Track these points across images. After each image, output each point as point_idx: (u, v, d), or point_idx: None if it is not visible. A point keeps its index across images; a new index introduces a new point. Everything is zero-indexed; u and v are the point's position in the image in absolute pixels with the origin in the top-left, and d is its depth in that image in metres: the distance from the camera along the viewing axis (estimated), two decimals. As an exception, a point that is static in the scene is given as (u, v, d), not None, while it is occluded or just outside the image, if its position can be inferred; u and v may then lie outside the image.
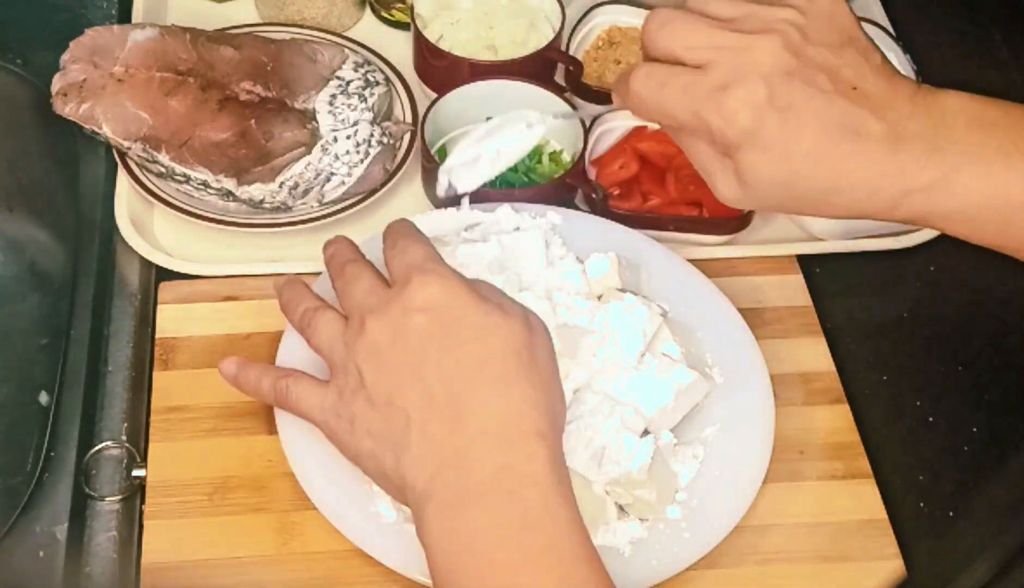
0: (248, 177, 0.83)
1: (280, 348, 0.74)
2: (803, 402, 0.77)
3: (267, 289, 0.81)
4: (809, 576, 0.70)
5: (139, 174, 0.85)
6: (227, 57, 0.87)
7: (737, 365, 0.75)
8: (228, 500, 0.71)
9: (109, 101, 0.84)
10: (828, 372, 0.78)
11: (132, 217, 0.84)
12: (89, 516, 0.70)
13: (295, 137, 0.83)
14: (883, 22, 1.01)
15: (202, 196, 0.84)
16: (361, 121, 0.85)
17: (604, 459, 0.67)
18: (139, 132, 0.83)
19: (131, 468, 0.72)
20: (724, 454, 0.71)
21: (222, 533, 0.69)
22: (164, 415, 0.74)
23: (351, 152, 0.84)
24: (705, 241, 0.85)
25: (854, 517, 0.72)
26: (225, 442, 0.73)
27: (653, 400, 0.70)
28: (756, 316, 0.79)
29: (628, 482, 0.67)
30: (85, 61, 0.86)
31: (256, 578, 0.67)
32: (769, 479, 0.70)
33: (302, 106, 0.86)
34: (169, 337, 0.78)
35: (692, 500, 0.69)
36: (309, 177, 0.83)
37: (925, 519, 0.73)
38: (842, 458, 0.74)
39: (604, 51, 0.98)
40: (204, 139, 0.83)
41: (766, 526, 0.71)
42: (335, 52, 0.89)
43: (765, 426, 0.72)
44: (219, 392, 0.75)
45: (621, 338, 0.71)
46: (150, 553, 0.69)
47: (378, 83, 0.88)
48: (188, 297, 0.80)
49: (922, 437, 0.77)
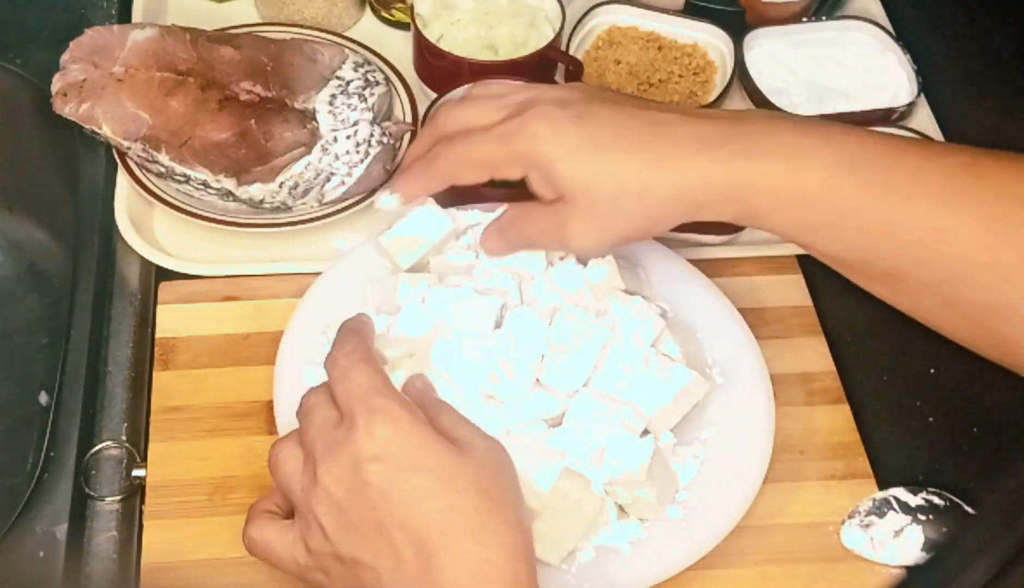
0: (248, 177, 0.83)
1: (280, 348, 0.74)
2: (803, 402, 0.77)
3: (267, 289, 0.81)
4: (809, 576, 0.70)
5: (139, 174, 0.85)
6: (227, 57, 0.87)
7: (737, 365, 0.75)
8: (228, 500, 0.71)
9: (109, 101, 0.84)
10: (828, 372, 0.78)
11: (132, 217, 0.84)
12: (89, 516, 0.70)
13: (295, 137, 0.83)
14: (883, 22, 1.01)
15: (202, 196, 0.84)
16: (361, 121, 0.85)
17: (604, 459, 0.67)
18: (139, 132, 0.83)
19: (131, 468, 0.72)
20: (724, 454, 0.71)
21: (222, 533, 0.69)
22: (164, 415, 0.74)
23: (351, 152, 0.84)
24: (705, 241, 0.85)
25: (854, 517, 0.71)
26: (225, 442, 0.73)
27: (653, 400, 0.70)
28: (756, 316, 0.79)
29: (628, 482, 0.67)
30: (85, 61, 0.86)
31: (256, 578, 0.67)
32: (769, 479, 0.70)
33: (302, 106, 0.86)
34: (169, 337, 0.78)
35: (692, 500, 0.69)
36: (309, 177, 0.83)
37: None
38: (842, 458, 0.74)
39: (604, 51, 0.98)
40: (204, 139, 0.83)
41: (766, 526, 0.71)
42: (335, 52, 0.89)
43: (765, 426, 0.72)
44: (219, 392, 0.75)
45: (625, 341, 0.71)
46: (150, 553, 0.69)
47: (378, 83, 0.88)
48: (188, 297, 0.80)
49: (922, 437, 0.77)
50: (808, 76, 0.97)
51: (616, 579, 0.66)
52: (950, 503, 0.72)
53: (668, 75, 0.96)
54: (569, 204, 0.66)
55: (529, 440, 0.68)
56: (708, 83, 0.96)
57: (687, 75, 0.96)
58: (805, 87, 0.96)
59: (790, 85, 0.96)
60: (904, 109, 0.93)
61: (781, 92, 0.95)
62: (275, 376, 0.73)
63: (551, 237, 0.68)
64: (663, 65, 0.97)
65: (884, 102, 0.94)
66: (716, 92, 0.94)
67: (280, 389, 0.72)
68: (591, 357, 0.70)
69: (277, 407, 0.71)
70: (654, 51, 0.98)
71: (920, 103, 0.95)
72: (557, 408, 0.69)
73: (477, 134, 0.68)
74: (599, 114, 0.65)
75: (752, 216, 0.64)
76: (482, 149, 0.68)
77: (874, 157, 0.62)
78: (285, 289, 0.81)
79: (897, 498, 0.72)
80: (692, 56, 0.98)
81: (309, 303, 0.76)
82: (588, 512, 0.66)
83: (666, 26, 0.98)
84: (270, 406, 0.72)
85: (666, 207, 0.65)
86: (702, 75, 0.97)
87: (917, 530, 0.70)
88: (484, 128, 0.68)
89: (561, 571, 0.66)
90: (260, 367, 0.76)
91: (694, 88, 0.96)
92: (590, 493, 0.66)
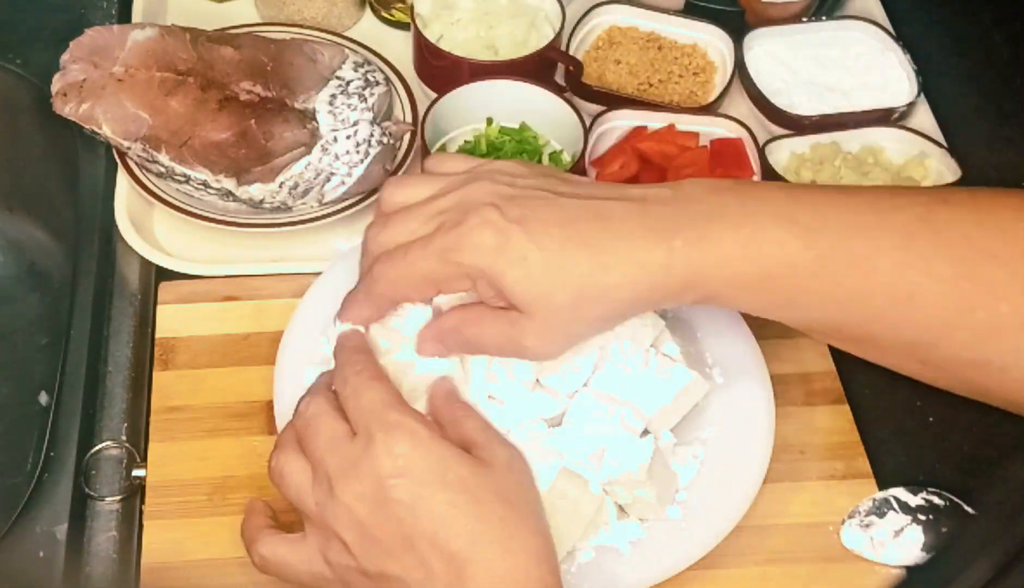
0: (248, 177, 0.83)
1: (280, 348, 0.74)
2: (803, 402, 0.77)
3: (267, 289, 0.81)
4: (809, 576, 0.70)
5: (139, 174, 0.85)
6: (227, 57, 0.87)
7: (737, 365, 0.75)
8: (228, 500, 0.71)
9: (109, 101, 0.84)
10: (828, 372, 0.78)
11: (132, 217, 0.84)
12: (89, 516, 0.70)
13: (295, 137, 0.83)
14: (883, 22, 1.01)
15: (202, 196, 0.84)
16: (361, 121, 0.85)
17: (604, 459, 0.67)
18: (139, 132, 0.83)
19: (131, 468, 0.72)
20: (724, 454, 0.71)
21: (222, 533, 0.69)
22: (164, 415, 0.74)
23: (351, 152, 0.84)
24: (705, 241, 0.84)
25: (854, 517, 0.71)
26: (225, 442, 0.73)
27: (653, 400, 0.70)
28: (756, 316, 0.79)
29: (628, 482, 0.67)
30: (85, 61, 0.86)
31: (256, 578, 0.67)
32: (769, 479, 0.70)
33: (302, 106, 0.86)
34: (169, 337, 0.78)
35: (692, 500, 0.69)
36: (309, 177, 0.83)
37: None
38: (842, 458, 0.74)
39: (604, 51, 0.98)
40: (204, 139, 0.83)
41: (766, 526, 0.71)
42: (335, 52, 0.89)
43: (765, 426, 0.72)
44: (219, 392, 0.75)
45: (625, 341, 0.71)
46: (150, 553, 0.69)
47: (378, 83, 0.88)
48: (188, 297, 0.80)
49: (922, 437, 0.77)
50: (808, 76, 0.97)
51: (616, 579, 0.66)
52: (950, 503, 0.72)
53: (668, 75, 0.96)
54: (524, 315, 0.62)
55: (529, 440, 0.68)
56: (708, 83, 0.96)
57: (687, 75, 0.96)
58: (805, 87, 0.96)
59: (790, 85, 0.96)
60: (904, 109, 0.93)
61: (781, 92, 0.95)
62: (275, 376, 0.73)
63: (506, 345, 0.64)
64: (663, 65, 0.97)
65: (884, 102, 0.94)
66: (716, 92, 0.94)
67: (280, 389, 0.72)
68: (591, 357, 0.70)
69: (277, 407, 0.71)
70: (654, 51, 0.98)
71: (920, 103, 0.94)
72: (557, 408, 0.69)
73: (415, 249, 0.63)
74: (540, 214, 0.61)
75: (714, 300, 0.63)
76: (424, 267, 0.63)
77: (829, 225, 0.60)
78: (285, 289, 0.81)
79: (897, 498, 0.72)
80: (692, 56, 0.98)
81: (309, 303, 0.77)
82: (586, 512, 0.66)
83: (666, 26, 0.98)
84: (270, 406, 0.72)
85: (624, 307, 0.63)
86: (702, 75, 0.97)
87: (917, 530, 0.70)
88: (422, 241, 0.63)
89: (561, 571, 0.66)
90: (260, 367, 0.76)
91: (694, 88, 0.96)
92: (588, 492, 0.66)
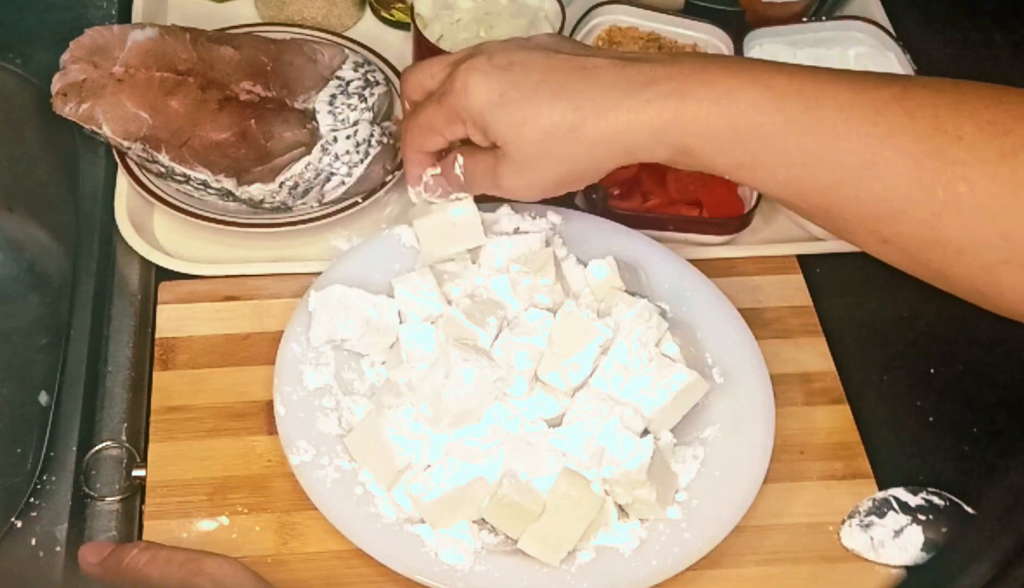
0: (248, 177, 0.83)
1: (280, 348, 0.74)
2: (803, 402, 0.77)
3: (267, 289, 0.81)
4: (809, 576, 0.70)
5: (139, 174, 0.84)
6: (227, 57, 0.87)
7: (737, 365, 0.75)
8: (228, 500, 0.71)
9: (109, 101, 0.84)
10: (828, 372, 0.78)
11: (132, 217, 0.84)
12: (89, 516, 0.70)
13: (295, 137, 0.83)
14: (883, 22, 1.01)
15: (202, 196, 0.84)
16: (361, 121, 0.85)
17: (604, 459, 0.67)
18: (139, 132, 0.83)
19: (131, 468, 0.72)
20: (724, 454, 0.71)
21: (222, 533, 0.69)
22: (164, 415, 0.74)
23: (351, 152, 0.84)
24: (705, 241, 0.85)
25: (854, 517, 0.71)
26: (225, 442, 0.73)
27: (653, 400, 0.70)
28: (756, 316, 0.79)
29: (628, 482, 0.67)
30: (85, 61, 0.86)
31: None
32: (769, 479, 0.70)
33: (302, 106, 0.86)
34: (169, 337, 0.78)
35: (692, 500, 0.69)
36: (309, 177, 0.83)
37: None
38: (842, 458, 0.74)
39: (604, 51, 0.98)
40: (204, 139, 0.83)
41: (766, 526, 0.71)
42: (335, 52, 0.89)
43: (765, 426, 0.72)
44: (219, 392, 0.75)
45: (625, 341, 0.71)
46: (150, 553, 0.69)
47: (378, 83, 0.88)
48: (188, 297, 0.80)
49: (922, 437, 0.77)
50: (808, 76, 0.96)
51: (616, 579, 0.66)
52: (950, 503, 0.72)
53: (668, 75, 0.96)
54: (503, 150, 0.67)
55: (529, 440, 0.68)
56: (708, 83, 0.96)
57: (687, 75, 0.96)
58: (805, 87, 0.96)
59: (790, 85, 0.96)
60: (904, 109, 0.93)
61: (781, 92, 0.95)
62: (275, 376, 0.73)
63: (486, 178, 0.70)
64: (663, 65, 0.97)
65: (884, 102, 0.94)
66: (716, 92, 0.94)
67: (280, 389, 0.72)
68: (591, 357, 0.70)
69: (277, 407, 0.71)
70: (654, 51, 0.98)
71: (920, 103, 0.94)
72: (557, 408, 0.70)
73: (424, 103, 0.71)
74: (527, 62, 0.66)
75: (685, 155, 0.64)
76: (427, 114, 0.70)
77: (803, 93, 0.61)
78: (285, 289, 0.81)
79: (897, 498, 0.72)
80: (692, 56, 0.98)
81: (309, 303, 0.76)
82: (588, 512, 0.66)
83: (666, 26, 0.98)
84: (270, 406, 0.72)
85: (593, 149, 0.65)
86: (702, 75, 0.97)
87: (917, 530, 0.70)
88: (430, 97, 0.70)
89: (561, 571, 0.66)
90: (260, 367, 0.76)
91: (694, 88, 0.96)
92: (589, 493, 0.66)
